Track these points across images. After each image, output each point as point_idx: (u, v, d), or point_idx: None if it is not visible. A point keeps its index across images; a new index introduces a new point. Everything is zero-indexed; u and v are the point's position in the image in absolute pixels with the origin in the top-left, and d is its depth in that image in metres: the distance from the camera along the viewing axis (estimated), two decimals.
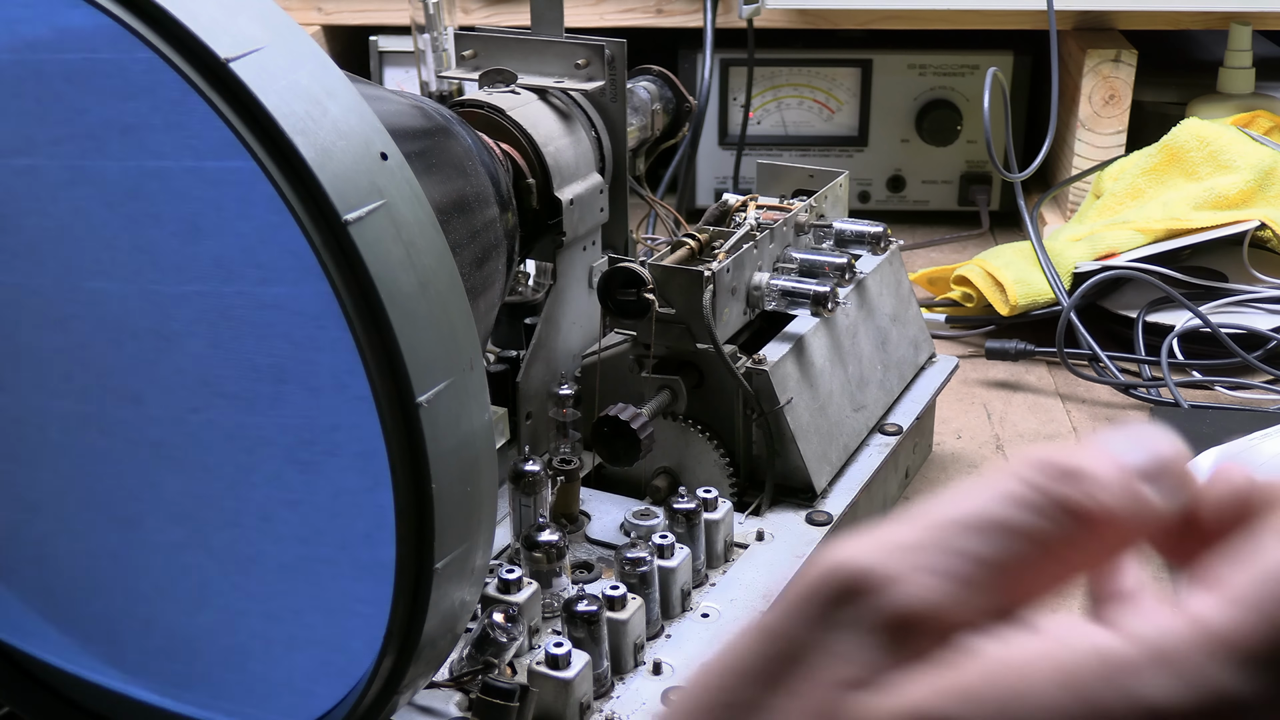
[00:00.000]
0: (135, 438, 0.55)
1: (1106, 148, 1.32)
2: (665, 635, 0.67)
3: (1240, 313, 1.10)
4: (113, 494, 0.57)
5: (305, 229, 0.45)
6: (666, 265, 0.76)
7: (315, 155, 0.45)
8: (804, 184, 0.94)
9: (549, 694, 0.60)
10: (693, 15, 1.37)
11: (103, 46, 0.47)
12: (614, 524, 0.76)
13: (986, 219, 1.43)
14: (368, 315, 0.46)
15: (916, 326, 0.95)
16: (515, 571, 0.65)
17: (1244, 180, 1.15)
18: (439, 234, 0.49)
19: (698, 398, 0.78)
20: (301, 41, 0.48)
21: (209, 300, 0.51)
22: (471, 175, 0.68)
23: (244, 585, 0.56)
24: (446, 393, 0.48)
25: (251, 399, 0.51)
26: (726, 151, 1.43)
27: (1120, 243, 1.15)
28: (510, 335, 0.85)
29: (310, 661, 0.56)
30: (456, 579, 0.51)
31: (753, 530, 0.75)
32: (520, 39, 0.82)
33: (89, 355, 0.55)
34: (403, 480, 0.48)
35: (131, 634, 0.61)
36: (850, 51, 1.41)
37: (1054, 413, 1.05)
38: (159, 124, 0.48)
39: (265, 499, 0.53)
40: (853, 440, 0.84)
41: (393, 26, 1.39)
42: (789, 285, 0.80)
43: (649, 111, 0.90)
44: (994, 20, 1.35)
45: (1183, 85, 1.43)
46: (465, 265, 0.65)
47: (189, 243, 0.50)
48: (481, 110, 0.77)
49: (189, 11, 0.45)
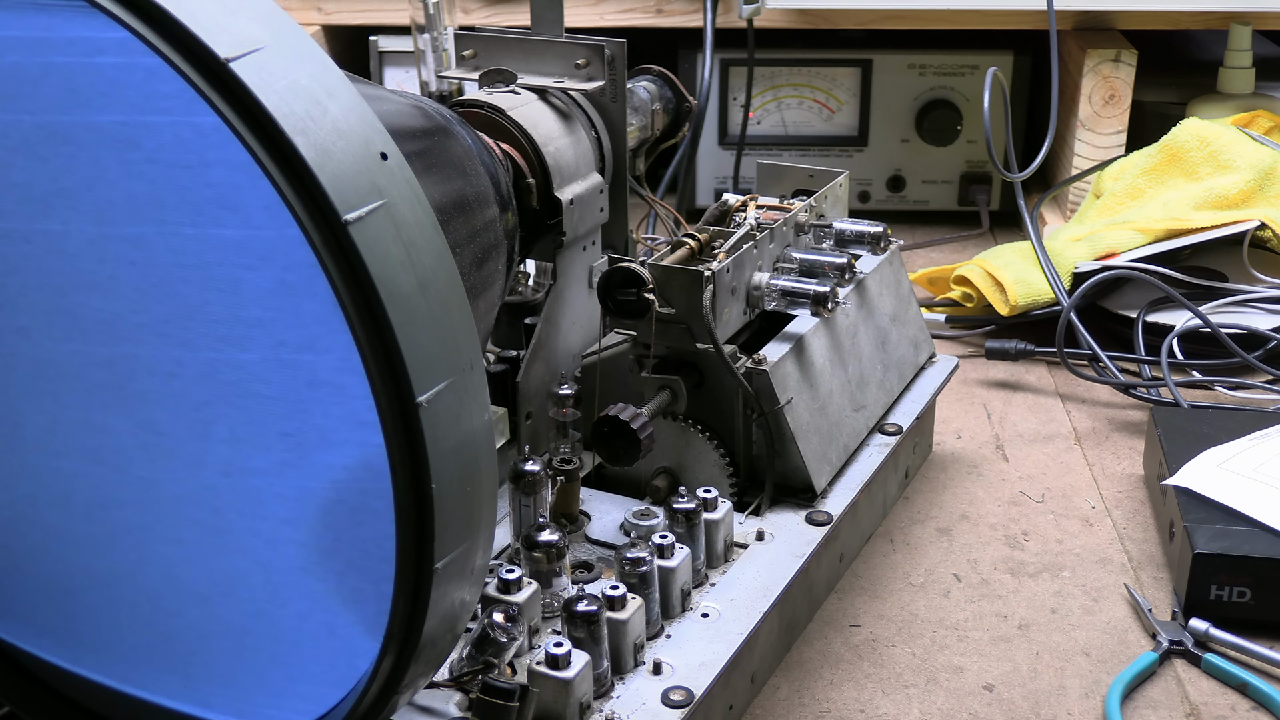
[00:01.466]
0: (139, 438, 0.55)
1: (1106, 148, 1.32)
2: (665, 635, 0.67)
3: (1240, 313, 1.10)
4: (115, 494, 0.57)
5: (305, 229, 0.45)
6: (666, 265, 0.76)
7: (315, 155, 0.45)
8: (804, 184, 0.94)
9: (549, 694, 0.60)
10: (693, 15, 1.37)
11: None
12: (614, 524, 0.76)
13: (986, 219, 1.43)
14: (368, 315, 0.46)
15: (916, 326, 0.95)
16: (515, 571, 0.65)
17: (1244, 180, 1.15)
18: (439, 234, 0.49)
19: (698, 398, 0.78)
20: (302, 41, 0.48)
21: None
22: (471, 175, 0.68)
23: (244, 585, 0.56)
24: (446, 392, 0.48)
25: (252, 399, 0.51)
26: (726, 151, 1.43)
27: (1120, 243, 1.15)
28: (510, 335, 0.85)
29: (310, 661, 0.56)
30: (456, 579, 0.51)
31: (753, 530, 0.75)
32: (520, 39, 0.82)
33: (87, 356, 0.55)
34: (403, 480, 0.48)
35: (131, 634, 0.61)
36: (850, 51, 1.41)
37: (1054, 413, 1.05)
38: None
39: (265, 499, 0.53)
40: (853, 440, 0.84)
41: (393, 26, 1.39)
42: (789, 285, 0.80)
43: (649, 111, 0.90)
44: (994, 20, 1.35)
45: (1183, 85, 1.44)
46: (465, 265, 0.65)
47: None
48: (481, 110, 0.77)
49: (189, 11, 0.45)
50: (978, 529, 0.89)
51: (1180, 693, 0.73)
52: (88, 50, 0.49)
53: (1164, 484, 0.85)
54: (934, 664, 0.76)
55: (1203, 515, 0.80)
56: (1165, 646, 0.76)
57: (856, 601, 0.81)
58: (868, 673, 0.75)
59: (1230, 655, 0.75)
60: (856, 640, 0.78)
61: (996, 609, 0.81)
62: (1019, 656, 0.76)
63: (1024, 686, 0.74)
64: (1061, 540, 0.88)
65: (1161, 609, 0.80)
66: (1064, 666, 0.75)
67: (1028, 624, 0.79)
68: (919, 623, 0.79)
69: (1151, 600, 0.81)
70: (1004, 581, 0.83)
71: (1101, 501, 0.92)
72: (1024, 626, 0.79)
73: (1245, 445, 0.87)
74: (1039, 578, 0.84)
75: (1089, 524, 0.90)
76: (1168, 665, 0.75)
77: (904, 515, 0.91)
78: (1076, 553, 0.86)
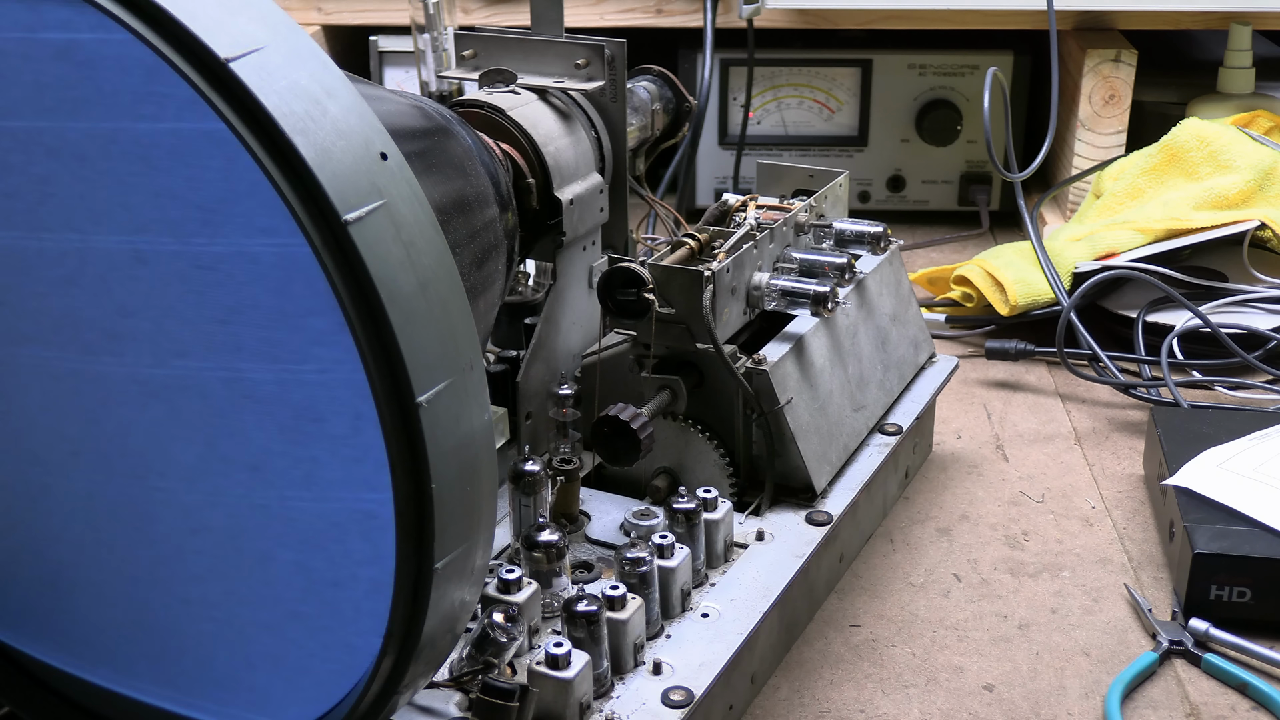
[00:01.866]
0: (136, 442, 0.55)
1: (1106, 148, 1.32)
2: (665, 635, 0.67)
3: (1240, 313, 1.10)
4: (115, 496, 0.57)
5: (305, 229, 0.45)
6: (666, 265, 0.76)
7: (315, 155, 0.45)
8: (804, 184, 0.94)
9: (549, 694, 0.60)
10: (693, 15, 1.37)
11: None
12: (614, 524, 0.76)
13: (986, 219, 1.43)
14: (367, 315, 0.46)
15: (916, 326, 0.95)
16: (515, 571, 0.65)
17: (1244, 180, 1.15)
18: (439, 234, 0.49)
19: (698, 398, 0.78)
20: (302, 41, 0.48)
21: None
22: (471, 175, 0.68)
23: (244, 586, 0.56)
24: (446, 393, 0.48)
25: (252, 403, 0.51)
26: (726, 151, 1.43)
27: (1120, 243, 1.15)
28: (510, 335, 0.85)
29: (310, 661, 0.56)
30: (456, 579, 0.51)
31: (753, 530, 0.75)
32: (520, 39, 0.82)
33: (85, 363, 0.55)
34: (402, 480, 0.48)
35: (132, 634, 0.61)
36: (850, 51, 1.41)
37: (1054, 413, 1.05)
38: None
39: (263, 499, 0.53)
40: (853, 440, 0.84)
41: (393, 26, 1.39)
42: (789, 285, 0.80)
43: (649, 111, 0.90)
44: (994, 20, 1.35)
45: (1183, 85, 1.43)
46: (465, 265, 0.65)
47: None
48: (481, 110, 0.77)
49: (189, 11, 0.45)
50: (978, 529, 0.89)
51: (1180, 693, 0.73)
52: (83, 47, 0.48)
53: (1164, 484, 0.85)
54: (934, 664, 0.76)
55: (1203, 515, 0.80)
56: (1165, 646, 0.76)
57: (856, 601, 0.81)
58: (868, 673, 0.75)
59: (1230, 655, 0.75)
60: (856, 640, 0.78)
61: (996, 609, 0.81)
62: (1019, 656, 0.76)
63: (1024, 686, 0.74)
64: (1061, 540, 0.88)
65: (1161, 609, 0.80)
66: (1064, 666, 0.75)
67: (1028, 624, 0.79)
68: (919, 623, 0.79)
69: (1151, 600, 0.81)
70: (1004, 581, 0.83)
71: (1101, 501, 0.92)
72: (1024, 626, 0.79)
73: (1245, 445, 0.87)
74: (1039, 578, 0.84)
75: (1089, 524, 0.90)
76: (1168, 665, 0.75)
77: (904, 515, 0.91)
78: (1076, 553, 0.86)
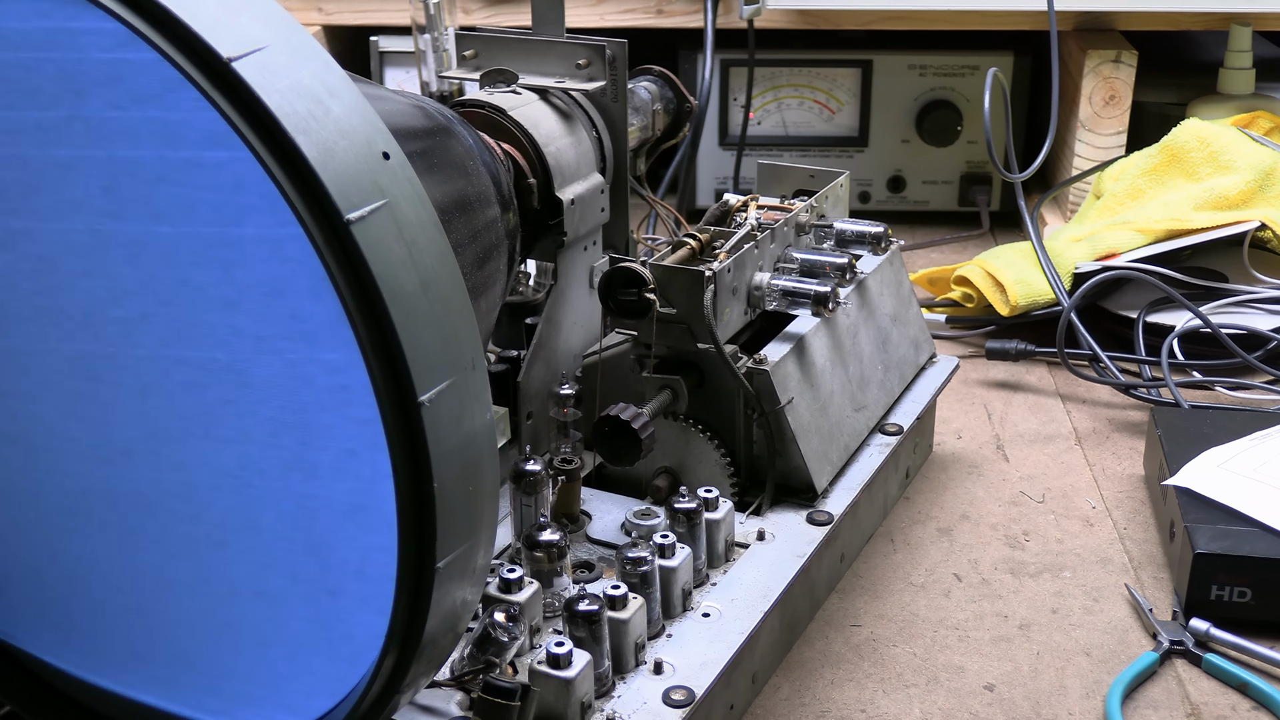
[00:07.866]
0: (136, 440, 0.55)
1: (1107, 148, 1.32)
2: (666, 635, 0.67)
3: (1240, 313, 1.10)
4: (115, 493, 0.57)
5: (307, 228, 0.45)
6: (667, 265, 0.76)
7: (317, 154, 0.45)
8: (804, 184, 0.94)
9: (550, 693, 0.60)
10: (693, 15, 1.37)
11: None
12: (615, 524, 0.76)
13: (987, 219, 1.43)
14: (370, 314, 0.46)
15: (917, 326, 0.96)
16: (516, 571, 0.65)
17: (1244, 180, 1.15)
18: (441, 234, 0.49)
19: (698, 398, 0.78)
20: (304, 41, 0.48)
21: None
22: (473, 175, 0.68)
23: (245, 586, 0.56)
24: (448, 392, 0.48)
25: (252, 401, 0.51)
26: (727, 152, 1.43)
27: (1120, 243, 1.15)
28: (511, 335, 0.85)
29: (312, 661, 0.56)
30: (458, 578, 0.51)
31: (753, 530, 0.75)
32: (521, 39, 0.82)
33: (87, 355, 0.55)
34: (404, 479, 0.48)
35: (132, 634, 0.61)
36: (850, 52, 1.41)
37: (1054, 413, 1.05)
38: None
39: (263, 500, 0.53)
40: (853, 440, 0.84)
41: (393, 27, 1.39)
42: (790, 285, 0.80)
43: (650, 112, 0.90)
44: (994, 20, 1.35)
45: (1183, 86, 1.44)
46: (467, 265, 0.65)
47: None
48: (482, 110, 0.77)
49: (191, 11, 0.45)
50: (978, 529, 0.89)
51: (1181, 693, 0.73)
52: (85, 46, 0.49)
53: (1164, 484, 0.85)
54: (935, 664, 0.76)
55: (1203, 515, 0.80)
56: (1166, 646, 0.76)
57: (857, 601, 0.81)
58: (868, 672, 0.75)
59: (1231, 655, 0.75)
60: (857, 640, 0.78)
61: (997, 609, 0.81)
62: (1020, 656, 0.76)
63: (1024, 686, 0.74)
64: (1062, 540, 0.88)
65: (1162, 609, 0.80)
66: (1064, 666, 0.75)
67: (1028, 624, 0.79)
68: (920, 622, 0.79)
69: (1152, 600, 0.81)
70: (1004, 581, 0.83)
71: (1102, 501, 0.92)
72: (1025, 626, 0.79)
73: (1245, 445, 0.87)
74: (1039, 578, 0.84)
75: (1089, 524, 0.90)
76: (1168, 665, 0.75)
77: (904, 515, 0.91)
78: (1077, 553, 0.86)
